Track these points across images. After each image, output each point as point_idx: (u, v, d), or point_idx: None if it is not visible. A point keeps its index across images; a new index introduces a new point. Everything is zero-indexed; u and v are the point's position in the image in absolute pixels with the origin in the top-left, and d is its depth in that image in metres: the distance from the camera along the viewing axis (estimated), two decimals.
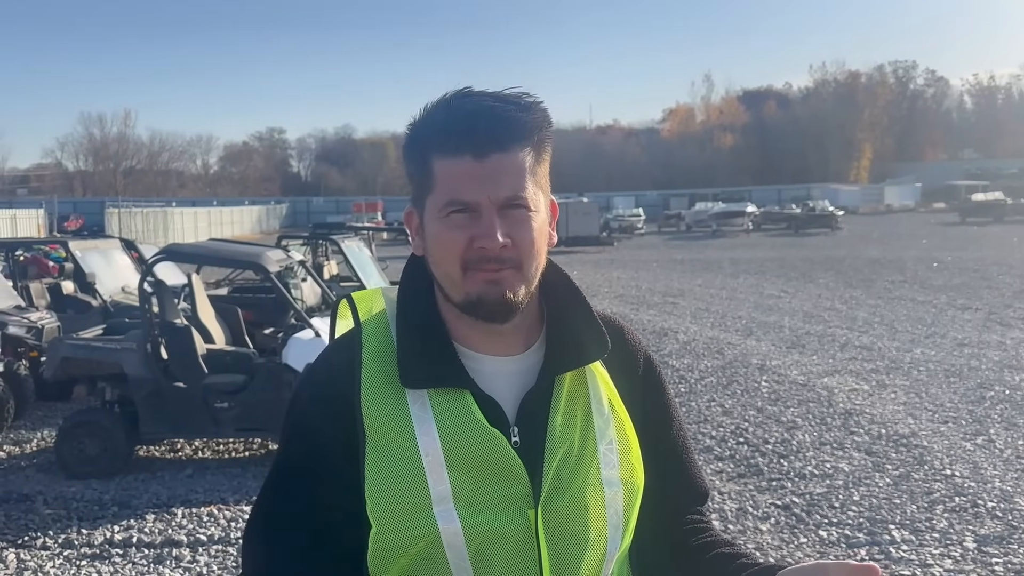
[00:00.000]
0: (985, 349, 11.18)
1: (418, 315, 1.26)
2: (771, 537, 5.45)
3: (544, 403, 1.24)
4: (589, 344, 1.28)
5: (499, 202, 1.17)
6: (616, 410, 1.28)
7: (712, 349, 11.89)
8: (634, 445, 1.28)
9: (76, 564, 5.40)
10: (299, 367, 7.07)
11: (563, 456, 1.22)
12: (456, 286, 1.20)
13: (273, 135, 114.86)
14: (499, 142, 1.17)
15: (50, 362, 7.61)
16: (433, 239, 1.22)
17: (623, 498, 1.26)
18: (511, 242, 1.18)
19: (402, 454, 1.18)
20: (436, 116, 1.21)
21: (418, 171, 1.23)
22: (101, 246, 13.29)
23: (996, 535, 5.33)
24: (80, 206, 66.11)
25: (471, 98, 1.21)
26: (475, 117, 1.18)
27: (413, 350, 1.22)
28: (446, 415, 1.19)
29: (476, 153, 1.17)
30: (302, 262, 9.57)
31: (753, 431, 7.80)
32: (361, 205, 58.21)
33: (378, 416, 1.20)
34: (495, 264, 1.18)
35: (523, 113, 1.19)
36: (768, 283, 20.56)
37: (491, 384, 1.24)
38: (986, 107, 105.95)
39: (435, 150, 1.19)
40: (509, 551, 1.19)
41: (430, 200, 1.21)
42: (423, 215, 1.24)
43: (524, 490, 1.19)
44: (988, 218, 47.65)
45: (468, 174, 1.17)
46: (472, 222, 1.17)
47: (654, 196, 76.58)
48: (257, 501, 1.31)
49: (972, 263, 23.50)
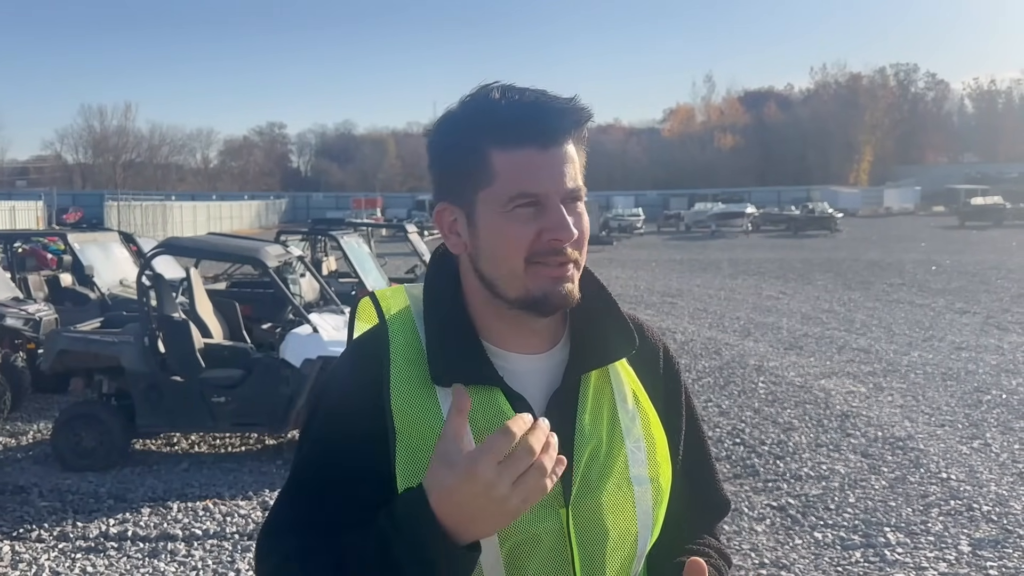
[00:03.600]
0: (982, 353, 11.18)
1: (446, 313, 1.24)
2: (766, 538, 5.45)
3: (571, 401, 1.23)
4: (616, 341, 1.27)
5: (563, 194, 1.16)
6: (643, 406, 1.27)
7: (710, 349, 11.89)
8: (661, 442, 1.27)
9: (71, 557, 5.40)
10: (297, 362, 7.07)
11: (591, 454, 1.21)
12: (517, 280, 1.18)
13: (273, 130, 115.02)
14: (559, 133, 1.17)
15: (47, 354, 7.61)
16: (494, 233, 1.18)
17: (651, 496, 1.24)
18: (578, 234, 1.17)
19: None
20: (488, 107, 1.18)
21: (466, 165, 1.19)
22: (100, 239, 13.27)
23: (991, 539, 5.33)
24: (79, 199, 66.10)
25: (519, 92, 1.19)
26: (536, 109, 1.16)
27: (442, 348, 1.20)
28: (478, 413, 1.17)
29: (541, 144, 1.15)
30: (301, 258, 9.56)
31: (750, 432, 7.80)
32: (361, 201, 58.23)
33: (409, 415, 1.18)
34: (562, 258, 1.17)
35: (572, 107, 1.19)
36: (766, 284, 20.56)
37: (520, 382, 1.22)
38: (987, 111, 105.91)
39: (494, 142, 1.16)
40: (543, 551, 1.17)
41: (486, 194, 1.18)
42: (472, 211, 1.20)
43: (555, 489, 1.16)
44: (987, 222, 47.63)
45: (536, 165, 1.15)
46: (539, 215, 1.16)
47: (654, 196, 76.55)
48: (280, 500, 1.26)
49: (971, 267, 23.51)
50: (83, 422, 7.17)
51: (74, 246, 12.21)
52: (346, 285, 12.46)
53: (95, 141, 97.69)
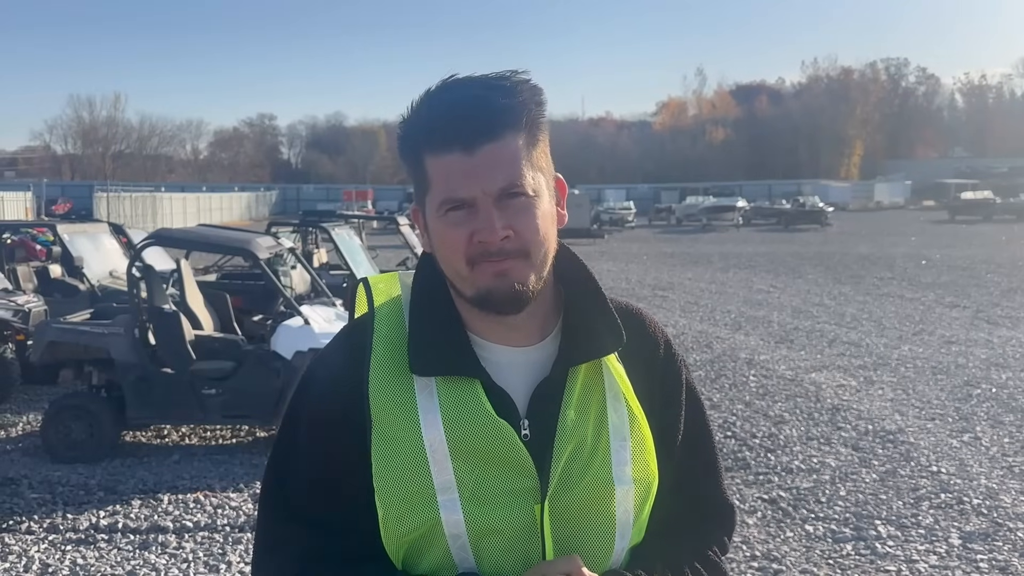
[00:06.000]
0: (972, 347, 11.23)
1: (432, 303, 1.24)
2: (757, 531, 5.46)
3: (557, 395, 1.22)
4: (604, 335, 1.25)
5: (495, 193, 1.15)
6: (631, 406, 1.25)
7: (701, 343, 11.91)
8: (649, 443, 1.25)
9: (61, 549, 5.37)
10: (287, 354, 7.05)
11: (574, 451, 1.20)
12: (465, 281, 1.18)
13: (264, 121, 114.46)
14: (487, 132, 1.14)
15: (36, 346, 7.56)
16: (436, 238, 1.20)
17: (634, 497, 1.23)
18: (513, 232, 1.15)
19: (406, 442, 1.17)
20: (422, 113, 1.18)
21: (413, 171, 1.21)
22: (89, 230, 13.22)
23: (981, 532, 5.36)
24: (68, 189, 65.65)
25: (454, 89, 1.18)
26: (458, 109, 1.15)
27: (424, 337, 1.21)
28: (452, 404, 1.17)
29: (465, 147, 1.14)
30: (292, 249, 9.52)
31: (741, 425, 7.82)
32: (351, 193, 58.02)
33: (384, 403, 1.19)
34: (496, 258, 1.16)
35: (508, 98, 1.16)
36: (757, 278, 20.60)
37: (504, 375, 1.21)
38: (977, 106, 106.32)
39: (425, 148, 1.17)
40: (510, 544, 1.17)
41: (428, 199, 1.19)
42: (425, 214, 1.22)
43: (531, 483, 1.17)
44: (977, 216, 47.85)
45: (460, 170, 1.14)
46: (470, 217, 1.15)
47: (645, 189, 76.53)
48: (265, 487, 1.30)
49: (960, 261, 23.61)
50: (73, 414, 7.14)
51: (63, 237, 12.15)
52: (337, 277, 12.42)
53: (84, 132, 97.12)
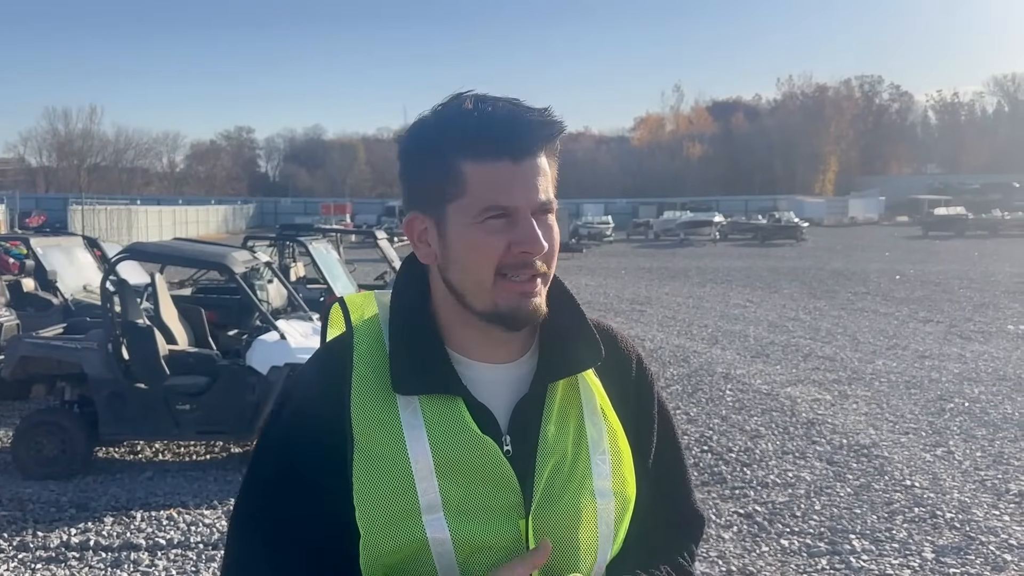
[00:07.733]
0: (945, 361, 11.34)
1: (412, 321, 1.24)
2: (733, 545, 5.48)
3: (537, 411, 1.23)
4: (582, 352, 1.26)
5: (535, 206, 1.17)
6: (609, 420, 1.26)
7: (678, 357, 11.96)
8: (627, 456, 1.27)
9: (31, 567, 5.30)
10: (263, 369, 7.01)
11: (555, 465, 1.21)
12: (484, 294, 1.18)
13: (241, 134, 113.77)
14: (532, 146, 1.17)
15: (8, 360, 7.47)
16: (464, 244, 1.18)
17: (614, 509, 1.24)
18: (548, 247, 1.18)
19: (391, 461, 1.16)
20: (462, 119, 1.17)
21: (438, 176, 1.19)
22: (63, 243, 13.10)
23: (954, 545, 5.40)
24: (42, 202, 65.03)
25: (489, 102, 1.19)
26: (504, 120, 1.16)
27: (405, 356, 1.20)
28: (437, 422, 1.18)
29: (514, 157, 1.16)
30: (268, 263, 9.48)
31: (717, 439, 7.85)
32: (330, 207, 57.94)
33: (367, 422, 1.18)
34: (531, 271, 1.17)
35: (545, 119, 1.19)
36: (734, 292, 20.73)
37: (484, 391, 1.22)
38: (950, 123, 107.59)
39: (466, 154, 1.16)
40: (498, 561, 1.17)
41: (457, 206, 1.18)
42: (442, 221, 1.20)
43: (515, 499, 1.18)
44: (950, 232, 48.36)
45: (508, 178, 1.16)
46: (509, 227, 1.16)
47: (623, 204, 76.82)
48: (237, 508, 1.26)
49: (934, 276, 23.86)
50: (45, 430, 7.05)
51: (37, 250, 12.03)
52: (314, 291, 12.38)
53: (59, 144, 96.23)
